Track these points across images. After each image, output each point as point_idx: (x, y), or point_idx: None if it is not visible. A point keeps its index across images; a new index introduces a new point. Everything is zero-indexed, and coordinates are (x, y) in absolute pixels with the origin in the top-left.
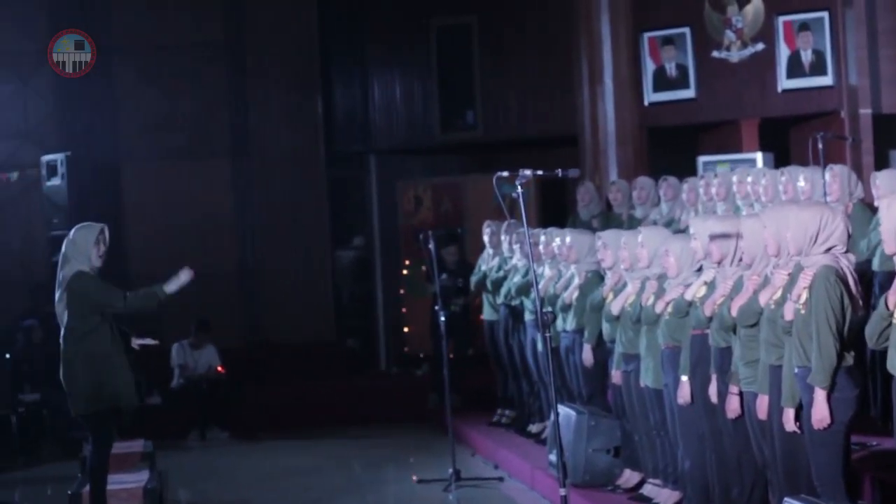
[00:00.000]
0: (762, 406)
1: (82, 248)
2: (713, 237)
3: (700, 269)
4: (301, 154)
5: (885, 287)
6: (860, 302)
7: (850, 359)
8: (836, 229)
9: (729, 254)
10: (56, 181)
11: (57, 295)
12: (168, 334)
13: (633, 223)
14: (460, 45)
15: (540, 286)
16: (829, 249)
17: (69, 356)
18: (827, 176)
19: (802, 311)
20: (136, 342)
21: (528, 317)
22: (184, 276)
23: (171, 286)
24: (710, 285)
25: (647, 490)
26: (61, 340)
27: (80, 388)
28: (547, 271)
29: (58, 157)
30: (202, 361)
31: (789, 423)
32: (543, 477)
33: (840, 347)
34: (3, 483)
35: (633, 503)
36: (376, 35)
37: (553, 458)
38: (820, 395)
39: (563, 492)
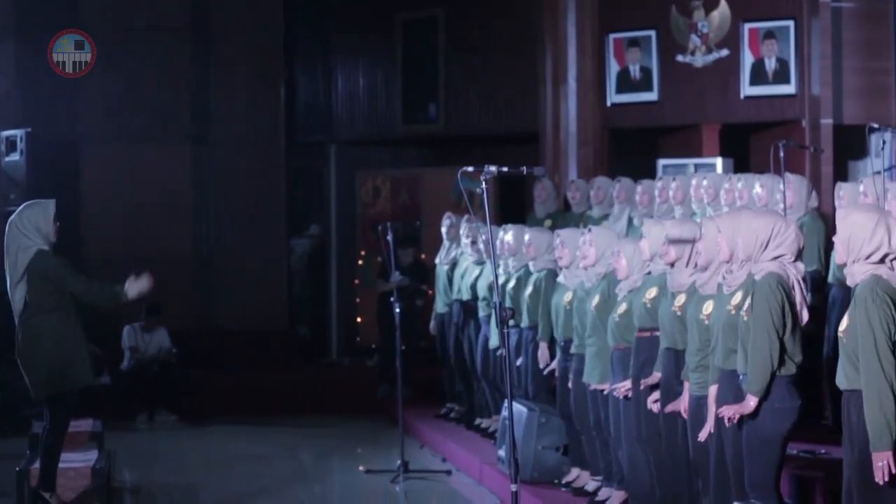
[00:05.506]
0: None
1: (41, 226)
2: (672, 241)
3: (649, 273)
4: (261, 142)
5: (839, 298)
6: (806, 312)
7: (791, 367)
8: (787, 238)
9: (684, 257)
10: (15, 157)
11: (11, 281)
12: (119, 316)
13: (588, 222)
14: (425, 39)
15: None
16: (777, 258)
17: (31, 333)
18: (783, 185)
19: (745, 318)
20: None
21: (481, 313)
22: (144, 282)
23: (132, 290)
24: (662, 287)
25: (594, 488)
26: (21, 319)
27: (40, 371)
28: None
29: (18, 132)
30: (153, 344)
31: (710, 421)
32: (491, 472)
33: (779, 356)
34: None
35: (580, 500)
36: (341, 25)
37: (502, 453)
38: (752, 402)
39: (514, 488)
